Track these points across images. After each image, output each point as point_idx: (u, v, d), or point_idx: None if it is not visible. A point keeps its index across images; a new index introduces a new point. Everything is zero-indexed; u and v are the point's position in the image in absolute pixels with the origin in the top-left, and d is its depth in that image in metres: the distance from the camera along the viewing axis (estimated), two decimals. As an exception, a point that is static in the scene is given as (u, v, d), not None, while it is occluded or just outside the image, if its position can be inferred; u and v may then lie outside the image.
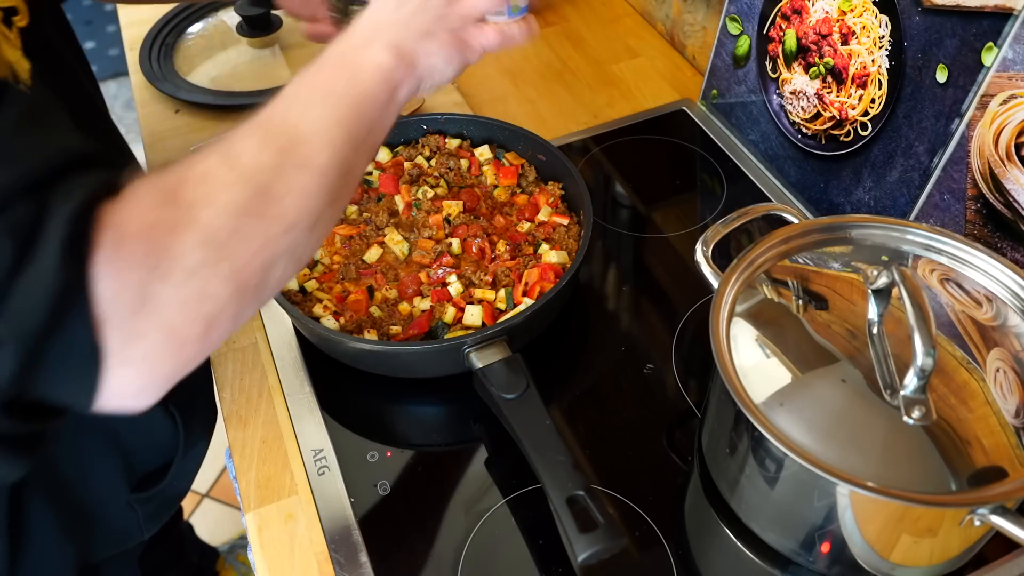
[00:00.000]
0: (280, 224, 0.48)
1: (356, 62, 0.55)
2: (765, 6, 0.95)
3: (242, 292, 0.46)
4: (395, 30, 0.58)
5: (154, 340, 0.43)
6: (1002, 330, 0.64)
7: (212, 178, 0.46)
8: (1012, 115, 0.71)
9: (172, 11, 1.25)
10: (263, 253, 0.47)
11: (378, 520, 0.72)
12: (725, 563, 0.69)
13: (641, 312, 0.88)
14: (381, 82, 0.55)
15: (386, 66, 0.56)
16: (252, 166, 0.48)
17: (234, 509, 1.74)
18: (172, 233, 0.43)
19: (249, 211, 0.46)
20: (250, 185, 0.47)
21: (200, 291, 0.44)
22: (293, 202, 0.49)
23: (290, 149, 0.49)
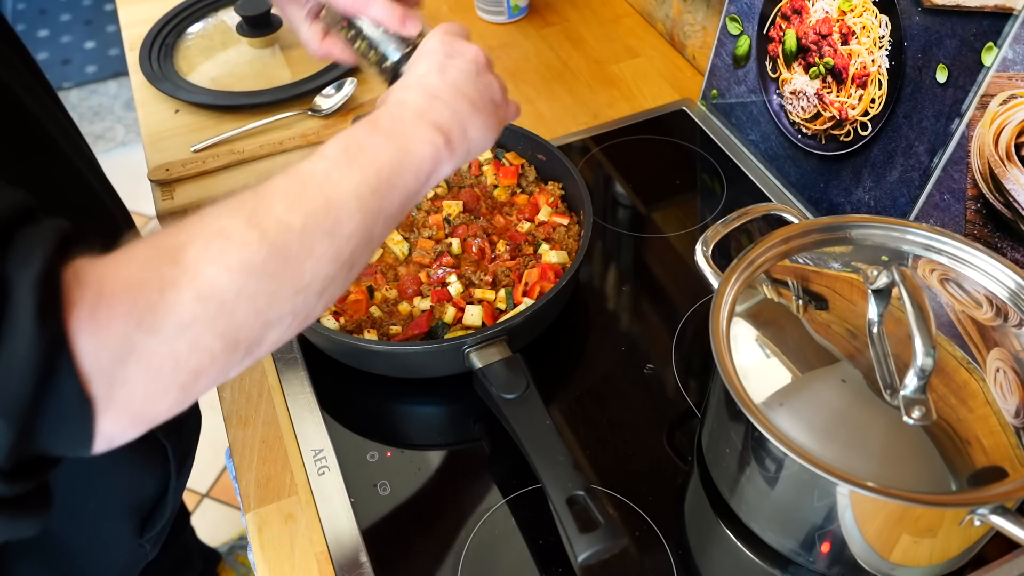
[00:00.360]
0: (291, 287, 0.47)
1: (407, 137, 0.55)
2: (765, 6, 0.95)
3: (235, 347, 0.45)
4: (447, 105, 0.58)
5: (139, 386, 0.42)
6: (1002, 330, 0.64)
7: (229, 235, 0.45)
8: (1012, 115, 0.71)
9: (172, 11, 1.25)
10: (266, 313, 0.46)
11: (378, 520, 0.72)
12: (725, 563, 0.69)
13: (641, 312, 0.88)
14: (428, 161, 0.55)
15: (437, 146, 0.56)
16: (277, 226, 0.46)
17: (234, 509, 1.74)
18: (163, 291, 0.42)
19: (261, 272, 0.45)
20: (269, 245, 0.46)
21: (192, 344, 0.43)
22: (311, 267, 0.48)
23: (321, 213, 0.48)
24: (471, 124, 0.59)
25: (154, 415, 0.44)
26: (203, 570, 1.42)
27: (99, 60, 2.93)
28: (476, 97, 0.60)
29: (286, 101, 1.11)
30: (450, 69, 0.60)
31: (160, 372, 0.42)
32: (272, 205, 0.47)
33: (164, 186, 1.02)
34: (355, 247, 0.51)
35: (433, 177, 0.57)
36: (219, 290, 0.44)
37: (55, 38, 3.03)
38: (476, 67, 0.62)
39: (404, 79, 0.62)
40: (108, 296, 0.41)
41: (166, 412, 0.44)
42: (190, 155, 1.05)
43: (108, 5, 3.14)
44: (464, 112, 0.59)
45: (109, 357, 0.40)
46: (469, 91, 0.60)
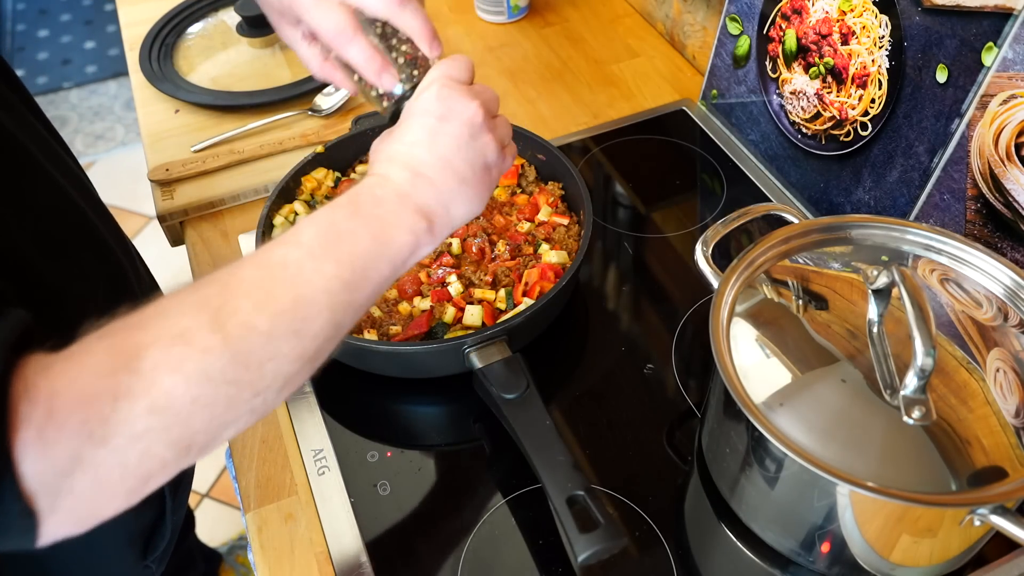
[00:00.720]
0: (251, 390, 0.45)
1: (387, 225, 0.52)
2: (765, 6, 0.95)
3: (187, 451, 0.44)
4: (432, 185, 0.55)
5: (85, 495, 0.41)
6: (1002, 330, 0.64)
7: (190, 340, 0.43)
8: (1012, 115, 0.71)
9: (172, 11, 1.25)
10: (222, 418, 0.45)
11: (378, 520, 0.72)
12: (725, 563, 0.69)
13: (641, 312, 0.88)
14: (406, 249, 0.53)
15: (417, 233, 0.53)
16: (242, 329, 0.44)
17: (234, 509, 1.74)
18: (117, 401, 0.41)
19: (220, 379, 0.44)
20: (232, 351, 0.44)
21: (142, 454, 0.42)
22: (272, 368, 0.46)
23: (289, 312, 0.46)
24: (456, 202, 0.56)
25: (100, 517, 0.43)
26: (205, 571, 1.42)
27: (99, 60, 2.93)
28: (466, 169, 0.56)
29: (286, 101, 1.11)
30: (440, 138, 0.56)
31: (108, 481, 0.41)
32: (238, 304, 0.45)
33: (164, 186, 1.02)
34: (321, 344, 0.49)
35: (410, 262, 0.54)
36: (175, 401, 0.42)
37: (55, 38, 3.03)
38: (471, 130, 0.57)
39: (391, 144, 0.58)
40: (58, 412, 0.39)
41: (113, 513, 0.44)
42: (190, 155, 1.05)
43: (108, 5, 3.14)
44: (450, 190, 0.56)
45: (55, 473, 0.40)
46: (459, 164, 0.56)
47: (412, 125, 0.57)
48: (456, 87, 0.58)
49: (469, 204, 0.57)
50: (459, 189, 0.56)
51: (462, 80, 0.60)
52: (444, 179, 0.55)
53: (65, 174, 0.71)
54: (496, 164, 0.59)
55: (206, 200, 0.99)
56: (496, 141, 0.59)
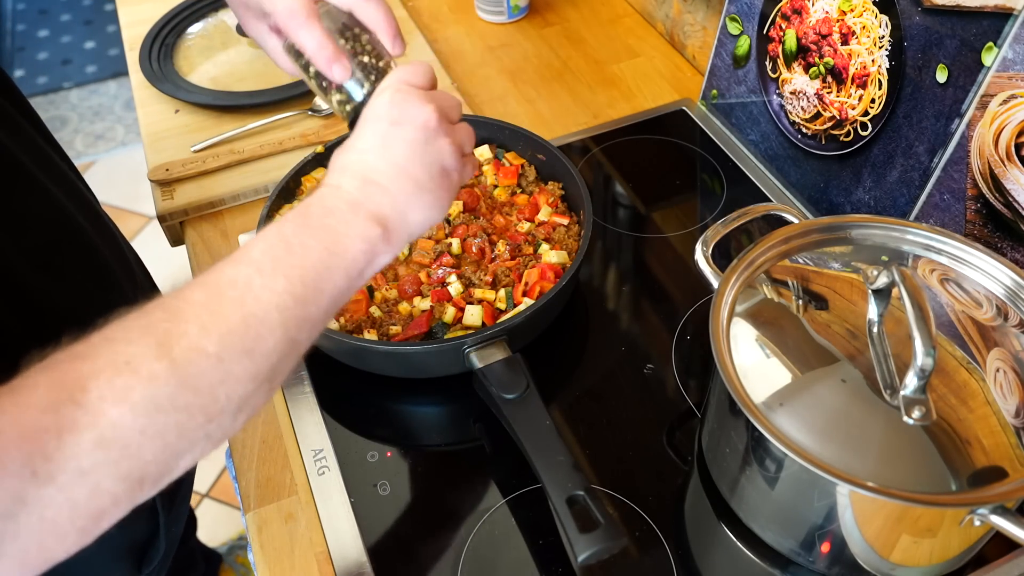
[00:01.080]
0: (203, 416, 0.43)
1: (339, 235, 0.50)
2: (765, 6, 0.95)
3: (141, 484, 0.42)
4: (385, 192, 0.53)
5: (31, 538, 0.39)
6: (1002, 330, 0.64)
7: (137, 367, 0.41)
8: (1012, 115, 0.71)
9: (172, 11, 1.25)
10: (175, 447, 0.43)
11: (378, 520, 0.72)
12: (725, 563, 0.69)
13: (641, 312, 0.88)
14: (361, 258, 0.51)
15: (372, 241, 0.51)
16: (189, 353, 0.43)
17: (234, 509, 1.74)
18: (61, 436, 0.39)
19: (169, 407, 0.42)
20: (180, 377, 0.42)
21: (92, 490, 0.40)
22: (225, 391, 0.44)
23: (239, 332, 0.45)
24: (413, 208, 0.54)
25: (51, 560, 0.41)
26: (205, 572, 1.42)
27: (99, 60, 2.93)
28: (422, 174, 0.54)
29: (286, 101, 1.11)
30: (393, 143, 0.54)
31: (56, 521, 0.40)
32: (186, 328, 0.43)
33: (164, 186, 1.02)
34: (276, 362, 0.46)
35: (368, 271, 0.52)
36: (123, 432, 0.40)
37: (55, 38, 3.03)
38: (425, 135, 0.55)
39: (344, 153, 0.55)
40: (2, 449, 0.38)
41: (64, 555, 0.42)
42: (190, 155, 1.05)
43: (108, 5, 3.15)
44: (405, 196, 0.53)
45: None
46: (414, 169, 0.54)
47: (364, 131, 0.56)
48: (411, 91, 0.57)
49: (428, 210, 0.55)
50: (416, 194, 0.54)
51: (419, 85, 0.58)
52: (398, 185, 0.53)
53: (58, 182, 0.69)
54: (456, 169, 0.57)
55: (206, 200, 0.99)
56: (454, 145, 0.57)
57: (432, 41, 1.24)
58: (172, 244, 1.03)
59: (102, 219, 0.78)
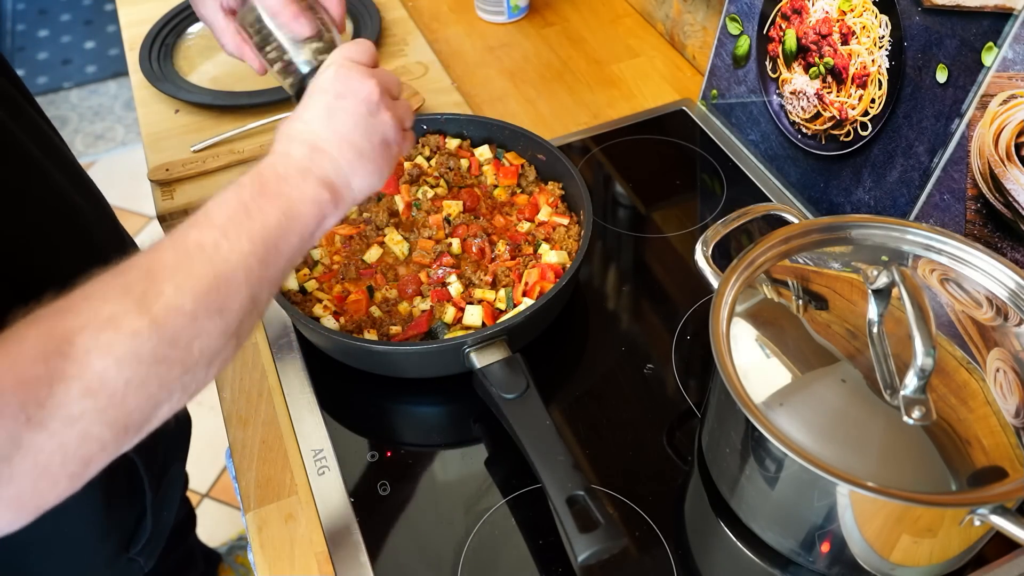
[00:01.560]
0: (180, 368, 0.47)
1: (292, 200, 0.54)
2: (765, 6, 0.95)
3: (125, 431, 0.46)
4: (331, 159, 0.57)
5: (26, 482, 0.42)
6: (1002, 330, 0.64)
7: (119, 324, 0.45)
8: (1012, 115, 0.71)
9: (172, 11, 1.25)
10: (156, 397, 0.46)
11: (378, 520, 0.72)
12: (725, 563, 0.69)
13: (641, 312, 0.88)
14: (312, 218, 0.55)
15: (321, 203, 0.55)
16: (167, 310, 0.46)
17: (234, 509, 1.74)
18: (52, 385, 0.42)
19: (151, 359, 0.45)
20: (159, 332, 0.46)
21: (81, 436, 0.43)
22: (199, 345, 0.48)
23: (212, 292, 0.48)
24: (356, 174, 0.58)
25: (42, 505, 0.44)
26: (204, 571, 1.42)
27: (99, 60, 2.93)
28: (363, 144, 0.58)
29: (286, 101, 1.11)
30: (338, 114, 0.58)
31: (48, 466, 0.42)
32: (162, 288, 0.47)
33: (164, 186, 1.02)
34: (242, 319, 0.51)
35: (317, 233, 0.56)
36: (109, 382, 0.44)
37: (55, 38, 3.03)
38: (368, 107, 0.59)
39: (290, 123, 0.59)
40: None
41: (55, 500, 0.44)
42: (190, 155, 1.05)
43: (108, 5, 3.15)
44: (348, 163, 0.57)
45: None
46: (356, 138, 0.58)
47: (310, 103, 0.59)
48: (354, 67, 0.60)
49: (369, 177, 0.59)
50: (358, 162, 0.58)
51: (361, 62, 0.61)
52: (342, 152, 0.57)
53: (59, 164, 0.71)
54: (395, 141, 0.61)
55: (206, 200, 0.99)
56: (395, 119, 0.60)
57: (432, 41, 1.24)
58: (172, 244, 1.02)
59: (101, 202, 0.79)
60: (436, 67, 1.18)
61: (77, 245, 0.71)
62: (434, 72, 1.18)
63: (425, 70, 1.18)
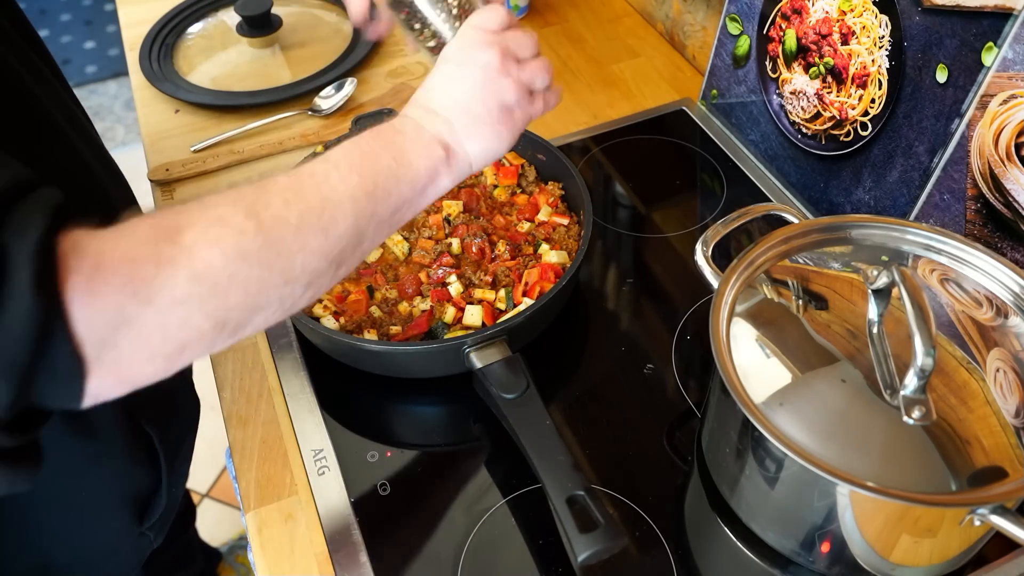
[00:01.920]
0: (281, 277, 0.49)
1: (406, 150, 0.57)
2: (765, 6, 0.95)
3: (223, 327, 0.47)
4: (445, 121, 0.59)
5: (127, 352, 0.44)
6: (1002, 330, 0.64)
7: (228, 222, 0.47)
8: (1012, 115, 0.71)
9: (172, 11, 1.25)
10: (255, 298, 0.48)
11: (378, 520, 0.72)
12: (725, 563, 0.69)
13: (641, 312, 0.88)
14: (423, 173, 0.57)
15: (434, 159, 0.58)
16: (274, 219, 0.49)
17: (234, 509, 1.74)
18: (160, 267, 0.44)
19: (255, 259, 0.47)
20: (265, 235, 0.48)
21: (182, 319, 0.45)
22: (301, 260, 0.50)
23: (317, 211, 0.51)
24: (471, 138, 0.60)
25: (139, 378, 0.46)
26: (204, 568, 1.42)
27: (99, 60, 2.93)
28: (479, 109, 0.60)
29: (286, 101, 1.11)
30: (455, 83, 0.61)
31: (149, 341, 0.44)
32: (271, 199, 0.49)
33: (164, 186, 1.02)
34: (345, 246, 0.52)
35: (430, 189, 0.58)
36: (214, 272, 0.45)
37: (55, 38, 3.03)
38: (486, 74, 0.61)
39: (416, 94, 0.62)
40: (105, 267, 0.42)
41: (151, 377, 0.46)
42: (190, 155, 1.05)
43: (108, 5, 3.14)
44: (463, 126, 0.59)
45: (102, 325, 0.42)
46: (472, 104, 0.60)
47: (435, 74, 0.62)
48: (479, 35, 0.62)
49: (486, 142, 0.61)
50: (473, 126, 0.60)
51: (490, 28, 0.63)
52: (456, 117, 0.60)
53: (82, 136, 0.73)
54: (518, 105, 0.62)
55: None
56: (515, 83, 0.62)
57: (432, 41, 1.24)
58: (172, 244, 1.02)
59: (119, 175, 0.82)
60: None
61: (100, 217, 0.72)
62: (434, 72, 1.18)
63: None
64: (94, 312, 0.42)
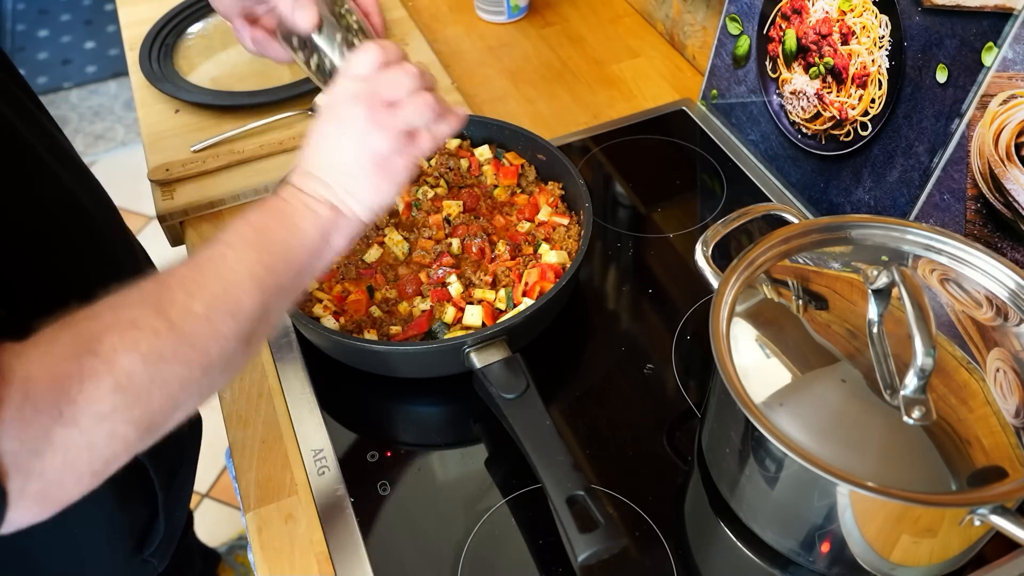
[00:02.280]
0: (198, 369, 0.50)
1: (293, 216, 0.58)
2: (765, 6, 0.95)
3: (148, 432, 0.48)
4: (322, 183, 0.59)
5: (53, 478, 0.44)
6: (1002, 330, 0.64)
7: (141, 325, 0.47)
8: (1012, 115, 0.71)
9: (172, 11, 1.25)
10: (177, 396, 0.49)
11: (378, 520, 0.72)
12: (725, 563, 0.69)
13: (641, 312, 0.88)
14: (317, 235, 0.58)
15: (322, 219, 0.58)
16: (183, 313, 0.49)
17: (234, 509, 1.74)
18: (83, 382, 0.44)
19: (171, 358, 0.48)
20: (177, 333, 0.48)
21: (109, 434, 0.45)
22: (215, 347, 0.50)
23: (221, 296, 0.51)
24: (351, 197, 0.60)
25: (64, 500, 0.46)
26: (203, 570, 1.42)
27: (99, 60, 2.93)
28: (355, 168, 0.60)
29: (286, 101, 1.11)
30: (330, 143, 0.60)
31: (76, 462, 0.44)
32: (175, 295, 0.50)
33: (164, 186, 1.02)
34: (256, 323, 0.53)
35: (326, 251, 0.59)
36: (134, 379, 0.46)
37: (55, 38, 3.03)
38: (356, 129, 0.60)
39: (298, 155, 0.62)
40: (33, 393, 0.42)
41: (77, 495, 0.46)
42: (190, 155, 1.05)
43: (108, 5, 3.14)
44: (342, 186, 0.59)
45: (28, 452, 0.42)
46: (348, 163, 0.60)
47: (312, 132, 0.62)
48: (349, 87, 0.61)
49: (369, 196, 0.60)
50: (352, 185, 0.60)
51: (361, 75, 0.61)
52: (334, 178, 0.60)
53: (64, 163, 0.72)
54: (395, 152, 0.61)
55: (206, 200, 0.99)
56: (388, 133, 0.60)
57: (432, 41, 1.24)
58: (172, 244, 1.03)
59: (104, 198, 0.80)
60: (436, 67, 1.18)
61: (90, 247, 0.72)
62: (434, 72, 1.18)
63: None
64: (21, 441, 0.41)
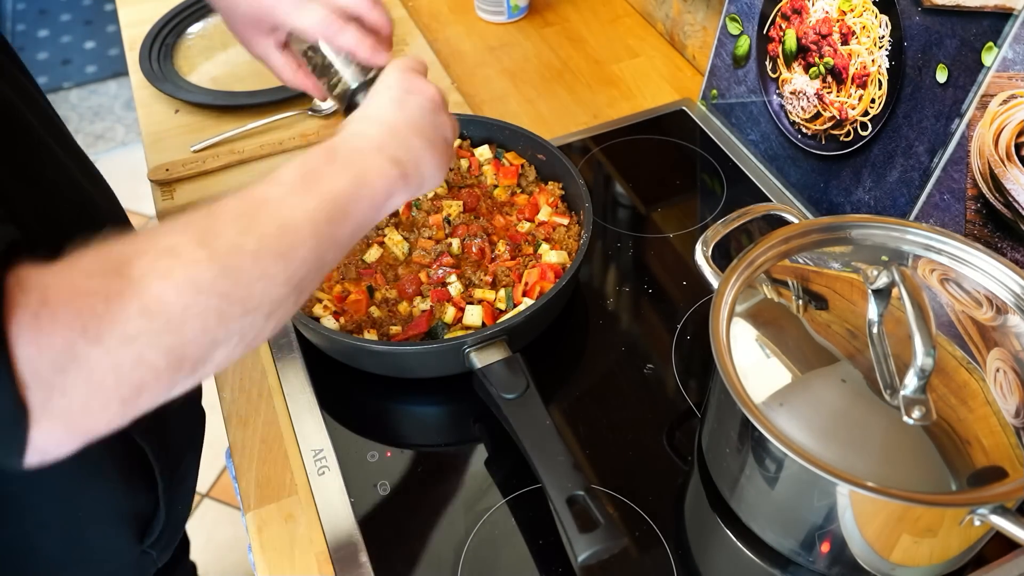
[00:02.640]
0: (240, 307, 0.47)
1: (363, 167, 0.56)
2: (765, 6, 0.95)
3: (180, 365, 0.45)
4: (403, 141, 0.59)
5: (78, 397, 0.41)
6: (1002, 330, 0.64)
7: (179, 253, 0.45)
8: (1012, 115, 0.71)
9: (172, 11, 1.25)
10: (213, 332, 0.46)
11: (378, 520, 0.72)
12: (725, 563, 0.69)
13: (641, 312, 0.88)
14: (382, 193, 0.57)
15: (392, 178, 0.57)
16: (229, 247, 0.47)
17: (234, 509, 1.74)
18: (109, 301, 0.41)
19: (209, 290, 0.45)
20: (220, 264, 0.46)
21: (136, 358, 0.42)
22: (260, 288, 0.48)
23: (275, 237, 0.49)
24: (424, 160, 0.60)
25: (92, 428, 0.43)
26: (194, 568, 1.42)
27: (99, 60, 2.93)
28: (431, 135, 0.61)
29: (286, 101, 1.11)
30: (408, 105, 0.61)
31: (102, 384, 0.42)
32: (224, 228, 0.48)
33: (164, 186, 1.02)
34: (306, 272, 0.51)
35: (385, 208, 0.58)
36: (166, 306, 0.43)
37: (55, 38, 3.03)
38: (432, 105, 0.62)
39: (362, 110, 0.62)
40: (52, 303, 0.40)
41: (105, 426, 0.44)
42: (190, 155, 1.05)
43: (108, 5, 3.14)
44: (419, 148, 0.60)
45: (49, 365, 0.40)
46: (425, 128, 0.61)
47: (379, 97, 0.62)
48: (416, 71, 0.65)
49: (435, 167, 0.61)
50: (427, 151, 0.60)
51: (417, 72, 0.65)
52: (413, 138, 0.60)
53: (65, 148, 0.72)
54: (451, 142, 0.64)
55: (206, 200, 0.99)
56: (452, 124, 0.64)
57: (432, 41, 1.24)
58: (172, 244, 1.02)
59: (104, 185, 0.80)
60: (436, 67, 1.18)
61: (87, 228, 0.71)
62: (434, 72, 1.18)
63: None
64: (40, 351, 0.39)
